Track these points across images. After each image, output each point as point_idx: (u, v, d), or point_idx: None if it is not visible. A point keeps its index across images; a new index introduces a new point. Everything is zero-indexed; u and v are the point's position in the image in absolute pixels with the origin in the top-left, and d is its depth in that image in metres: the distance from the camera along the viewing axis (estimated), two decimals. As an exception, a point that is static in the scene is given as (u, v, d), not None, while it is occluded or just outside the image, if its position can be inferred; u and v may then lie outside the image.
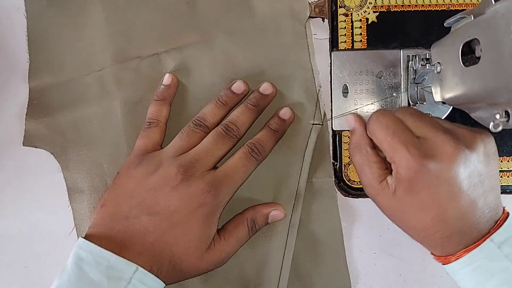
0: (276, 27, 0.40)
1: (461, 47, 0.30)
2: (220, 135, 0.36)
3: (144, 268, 0.32)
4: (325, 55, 0.41)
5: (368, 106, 0.41)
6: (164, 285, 0.34)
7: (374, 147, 0.36)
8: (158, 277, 0.33)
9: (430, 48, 0.37)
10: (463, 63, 0.30)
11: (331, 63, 0.41)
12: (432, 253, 0.34)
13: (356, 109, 0.40)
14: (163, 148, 0.37)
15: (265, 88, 0.39)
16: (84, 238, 0.33)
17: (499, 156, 0.39)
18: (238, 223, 0.37)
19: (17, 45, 0.40)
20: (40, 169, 0.41)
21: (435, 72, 0.33)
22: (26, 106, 0.40)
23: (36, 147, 0.40)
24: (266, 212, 0.38)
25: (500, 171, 0.40)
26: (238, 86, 0.38)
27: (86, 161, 0.40)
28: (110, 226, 0.33)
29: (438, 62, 0.33)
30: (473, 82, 0.29)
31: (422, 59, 0.38)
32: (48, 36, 0.40)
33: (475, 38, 0.28)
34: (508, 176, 0.41)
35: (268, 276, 0.39)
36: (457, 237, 0.31)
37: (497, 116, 0.28)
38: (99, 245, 0.32)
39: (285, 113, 0.39)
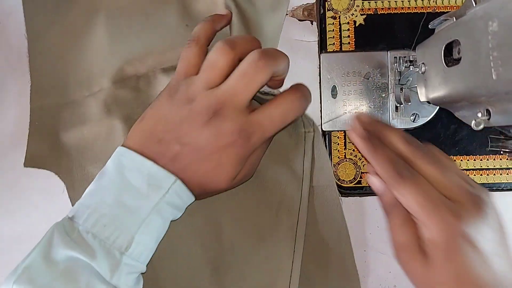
0: None
1: (443, 48, 0.31)
2: (248, 69, 0.32)
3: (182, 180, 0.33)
4: (314, 57, 0.42)
5: (357, 107, 0.41)
6: (194, 199, 0.35)
7: None
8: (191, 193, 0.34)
9: (415, 49, 0.38)
10: (446, 64, 0.31)
11: (320, 65, 0.42)
12: None
13: (345, 112, 0.41)
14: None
15: None
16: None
17: (491, 154, 0.41)
18: None
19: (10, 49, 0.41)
20: (35, 171, 0.41)
21: (420, 72, 0.34)
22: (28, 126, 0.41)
23: (39, 168, 0.40)
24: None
25: (493, 169, 0.41)
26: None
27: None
28: (145, 145, 0.33)
29: (423, 63, 0.34)
30: (455, 82, 0.30)
31: (406, 61, 0.39)
32: (50, 56, 0.41)
33: (456, 39, 0.29)
34: (501, 174, 0.42)
35: (278, 285, 0.39)
36: None
37: (479, 115, 0.29)
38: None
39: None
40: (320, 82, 0.42)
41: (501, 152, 0.38)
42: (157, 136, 0.33)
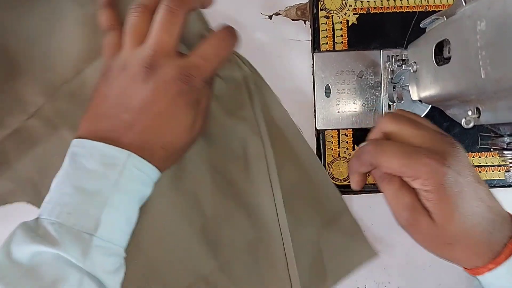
0: None
1: (434, 47, 0.31)
2: (165, 16, 0.33)
3: (137, 153, 0.32)
4: (307, 56, 0.42)
5: (351, 106, 0.42)
6: (159, 173, 0.35)
7: None
8: (151, 163, 0.33)
9: (407, 48, 0.38)
10: (437, 63, 0.31)
11: (313, 64, 0.42)
12: (471, 269, 0.33)
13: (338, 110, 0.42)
14: None
15: None
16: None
17: (484, 151, 0.41)
18: None
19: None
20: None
21: (411, 71, 0.35)
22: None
23: (11, 203, 0.40)
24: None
25: (485, 166, 0.42)
26: None
27: None
28: (95, 127, 0.34)
29: (414, 62, 0.35)
30: (445, 80, 0.30)
31: (398, 60, 0.39)
32: None
33: (446, 39, 0.30)
34: (492, 171, 0.42)
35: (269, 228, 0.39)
36: (498, 235, 0.31)
37: (469, 113, 0.30)
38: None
39: None
40: (313, 81, 0.42)
41: (491, 150, 0.39)
42: (103, 114, 0.34)
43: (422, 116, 0.41)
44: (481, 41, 0.25)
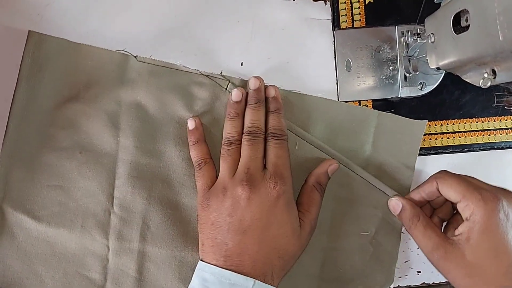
0: None
1: (452, 17, 0.35)
2: (250, 141, 0.40)
3: (259, 278, 0.37)
4: (329, 34, 0.45)
5: (370, 79, 0.45)
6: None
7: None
8: (273, 283, 0.37)
9: (420, 23, 0.42)
10: (455, 32, 0.35)
11: (334, 42, 0.45)
12: None
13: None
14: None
15: (253, 83, 0.42)
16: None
17: (492, 116, 0.45)
18: (308, 192, 0.42)
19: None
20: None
21: (430, 42, 0.38)
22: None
23: None
24: (325, 171, 0.42)
25: (494, 129, 0.46)
26: (236, 94, 0.42)
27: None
28: (216, 258, 0.38)
29: (432, 33, 0.38)
30: (464, 46, 0.34)
31: (414, 34, 0.43)
32: None
33: (464, 9, 0.33)
34: (501, 134, 0.46)
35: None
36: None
37: (485, 75, 0.33)
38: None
39: (270, 91, 0.43)
40: (335, 57, 0.45)
41: (506, 107, 0.42)
42: (221, 243, 0.38)
43: (435, 85, 0.45)
44: (499, 7, 0.29)
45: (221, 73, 0.44)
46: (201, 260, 0.39)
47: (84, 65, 0.43)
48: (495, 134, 0.46)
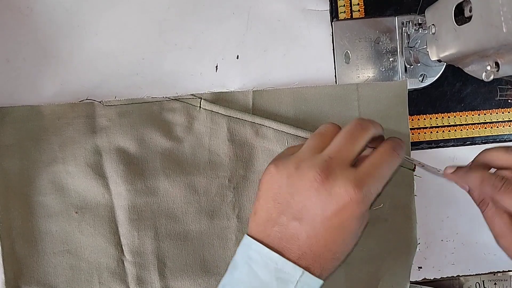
0: None
1: (453, 8, 0.33)
2: (351, 131, 0.34)
3: (309, 270, 0.33)
4: (327, 26, 0.44)
5: (369, 71, 0.44)
6: (322, 282, 0.34)
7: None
8: (322, 276, 0.33)
9: (420, 14, 0.40)
10: (457, 23, 0.34)
11: (332, 33, 0.44)
12: None
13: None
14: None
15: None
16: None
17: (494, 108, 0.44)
18: None
19: (40, 33, 0.43)
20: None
21: (430, 33, 0.37)
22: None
23: None
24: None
25: (496, 122, 0.45)
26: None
27: None
28: (266, 234, 0.34)
29: (433, 24, 0.37)
30: (466, 38, 0.33)
31: (415, 24, 0.42)
32: None
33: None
34: (503, 126, 0.45)
35: None
36: None
37: (488, 68, 0.32)
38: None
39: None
40: (333, 49, 0.44)
41: (509, 100, 0.41)
42: (273, 221, 0.34)
43: (436, 77, 0.44)
44: (503, -2, 0.28)
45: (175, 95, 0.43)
46: (248, 235, 0.35)
47: (53, 125, 0.42)
48: (497, 127, 0.45)
